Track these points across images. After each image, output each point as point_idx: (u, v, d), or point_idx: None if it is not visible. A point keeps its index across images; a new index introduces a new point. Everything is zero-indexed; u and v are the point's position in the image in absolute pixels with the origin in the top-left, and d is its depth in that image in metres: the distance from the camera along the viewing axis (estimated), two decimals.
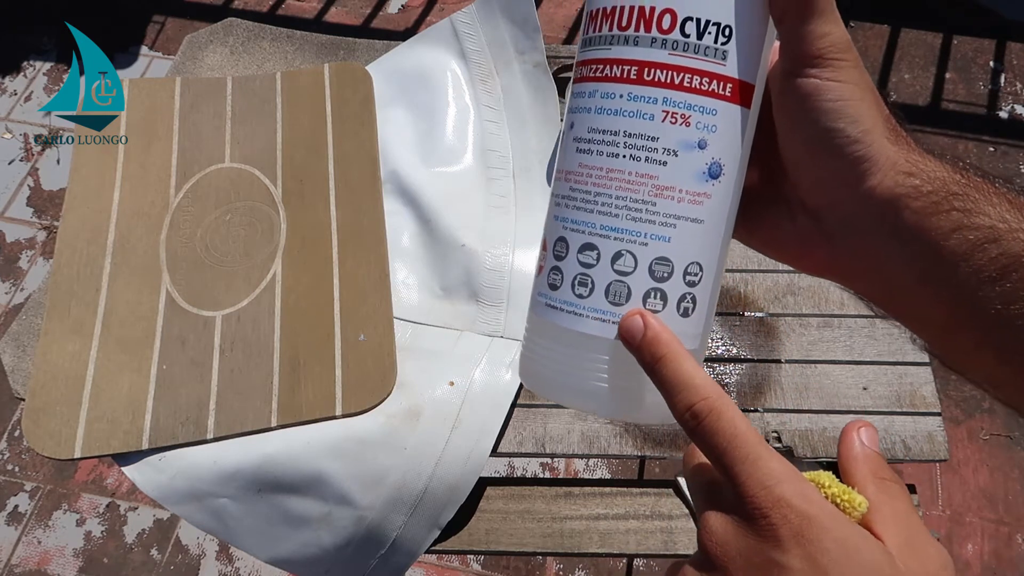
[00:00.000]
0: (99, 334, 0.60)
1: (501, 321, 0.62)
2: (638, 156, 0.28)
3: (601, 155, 0.28)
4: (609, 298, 0.28)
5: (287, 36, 0.79)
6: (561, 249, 0.29)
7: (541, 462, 1.23)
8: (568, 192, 0.29)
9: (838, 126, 0.26)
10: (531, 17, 0.70)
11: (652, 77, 0.27)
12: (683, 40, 0.27)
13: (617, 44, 0.28)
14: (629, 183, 0.28)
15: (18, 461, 1.24)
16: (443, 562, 1.15)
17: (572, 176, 0.29)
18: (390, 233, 0.65)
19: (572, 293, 0.29)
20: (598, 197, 0.28)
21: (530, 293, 0.32)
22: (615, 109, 0.28)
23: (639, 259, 0.28)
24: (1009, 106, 1.57)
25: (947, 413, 1.25)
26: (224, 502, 0.55)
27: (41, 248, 1.43)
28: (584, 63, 0.29)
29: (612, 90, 0.28)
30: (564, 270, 0.29)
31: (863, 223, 0.28)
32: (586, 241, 0.29)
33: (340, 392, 0.57)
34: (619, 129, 0.28)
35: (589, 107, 0.29)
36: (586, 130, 0.29)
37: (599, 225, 0.28)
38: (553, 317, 0.29)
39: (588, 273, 0.29)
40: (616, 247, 0.28)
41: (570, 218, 0.29)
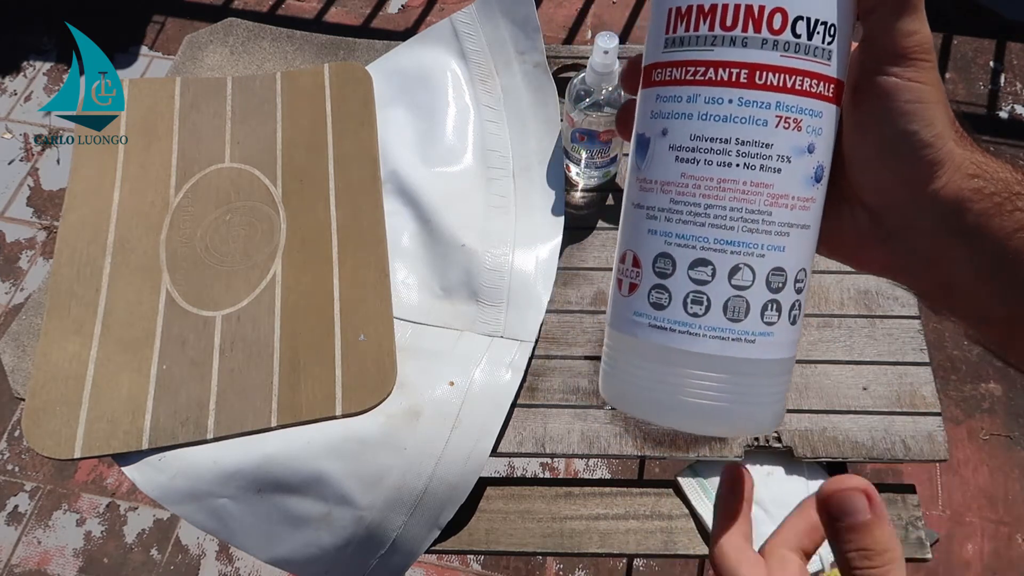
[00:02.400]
0: (99, 334, 0.60)
1: (501, 321, 0.62)
2: (752, 164, 0.27)
3: (711, 165, 0.27)
4: (728, 315, 0.27)
5: (287, 36, 0.79)
6: (666, 266, 0.28)
7: (541, 462, 1.23)
8: (670, 205, 0.27)
9: (912, 129, 0.26)
10: (531, 17, 0.70)
11: (765, 80, 0.26)
12: (794, 41, 0.26)
13: (721, 45, 0.26)
14: (744, 193, 0.27)
15: (18, 461, 1.24)
16: (443, 562, 1.15)
17: (673, 187, 0.27)
18: (390, 233, 0.65)
19: (684, 312, 0.27)
20: (709, 209, 0.27)
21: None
22: (725, 115, 0.26)
23: (757, 272, 0.27)
24: (1009, 106, 1.57)
25: (947, 413, 1.25)
26: (224, 502, 0.55)
27: (41, 248, 1.43)
28: (674, 64, 0.27)
29: (720, 95, 0.27)
30: (672, 288, 0.28)
31: (925, 223, 0.28)
32: (699, 256, 0.27)
33: (340, 392, 0.57)
34: (730, 136, 0.26)
35: (690, 113, 0.27)
36: (688, 138, 0.27)
37: (713, 239, 0.27)
38: (661, 338, 0.28)
39: (703, 290, 0.27)
40: (733, 261, 0.27)
41: (676, 232, 0.27)
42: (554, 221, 0.67)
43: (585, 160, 0.68)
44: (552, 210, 0.67)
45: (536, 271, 0.64)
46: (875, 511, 0.26)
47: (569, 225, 0.67)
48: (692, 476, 0.60)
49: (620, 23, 1.70)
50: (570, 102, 0.64)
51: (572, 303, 0.65)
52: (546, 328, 0.64)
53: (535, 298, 0.63)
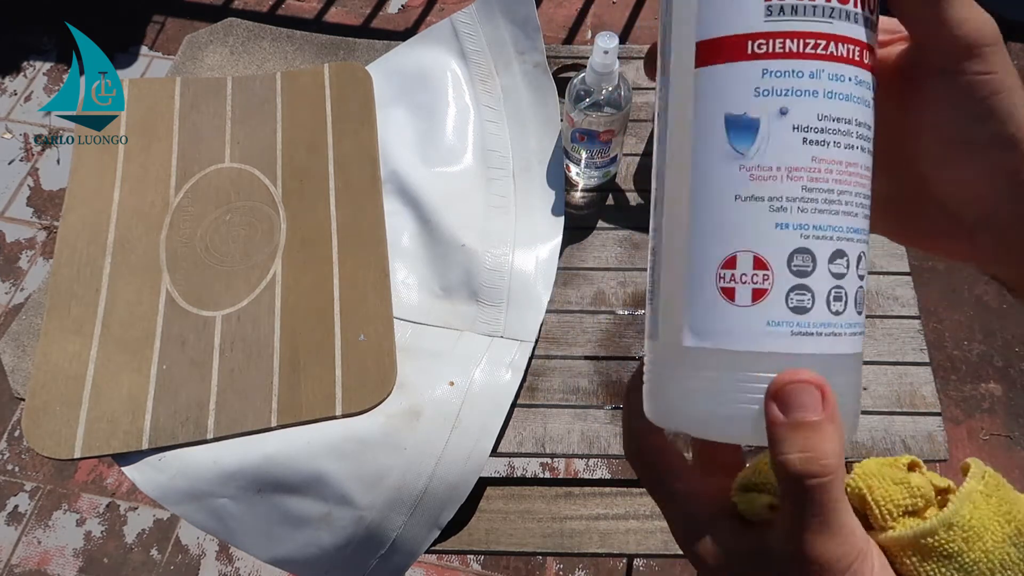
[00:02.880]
0: (99, 334, 0.60)
1: (501, 321, 0.62)
2: (865, 147, 0.25)
3: (839, 147, 0.25)
4: (857, 308, 0.25)
5: (287, 36, 0.79)
6: (805, 262, 0.25)
7: (541, 462, 1.23)
8: (802, 193, 0.25)
9: (993, 129, 0.25)
10: (531, 17, 0.70)
11: (867, 60, 0.25)
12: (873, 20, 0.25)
13: (839, 19, 0.25)
14: (861, 177, 0.25)
15: (18, 461, 1.24)
16: (443, 562, 1.15)
17: (804, 173, 0.25)
18: (390, 233, 0.65)
19: (828, 311, 0.25)
20: (842, 196, 0.25)
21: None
22: (847, 94, 0.25)
23: (865, 259, 0.26)
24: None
25: (947, 413, 1.25)
26: (224, 502, 0.55)
27: (41, 248, 1.43)
28: (789, 35, 0.25)
29: (842, 72, 0.25)
30: (815, 287, 0.25)
31: (1009, 214, 0.26)
32: (837, 248, 0.25)
33: (340, 392, 0.57)
34: (852, 117, 0.25)
35: (816, 90, 0.25)
36: (816, 117, 0.25)
37: (846, 227, 0.25)
38: (808, 346, 0.24)
39: (842, 285, 0.25)
40: (859, 249, 0.25)
41: (813, 223, 0.25)
42: (554, 221, 0.67)
43: (585, 160, 0.68)
44: (552, 210, 0.67)
45: (536, 271, 0.64)
46: (828, 411, 0.23)
47: (569, 225, 0.67)
48: None
49: (620, 23, 1.70)
50: (570, 102, 0.64)
51: (572, 303, 0.65)
52: (546, 328, 0.64)
53: (535, 298, 0.63)
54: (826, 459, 0.22)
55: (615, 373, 0.62)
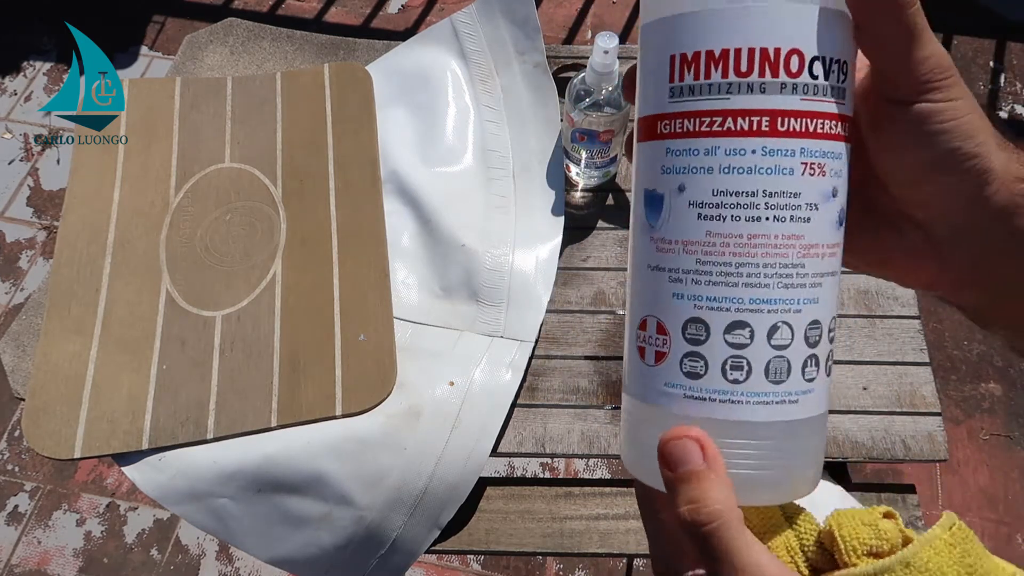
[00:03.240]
0: (99, 334, 0.60)
1: (501, 321, 0.62)
2: (783, 216, 0.25)
3: (738, 220, 0.25)
4: (770, 378, 0.26)
5: (287, 36, 0.79)
6: (698, 332, 0.26)
7: (541, 462, 1.23)
8: (696, 266, 0.26)
9: (955, 146, 0.26)
10: (531, 17, 0.70)
11: (788, 127, 0.25)
12: (812, 83, 0.25)
13: (738, 92, 0.25)
14: (776, 248, 0.25)
15: (18, 461, 1.24)
16: (443, 562, 1.15)
17: (698, 247, 0.26)
18: (390, 233, 0.65)
19: (724, 380, 0.26)
20: (742, 268, 0.25)
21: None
22: (749, 167, 0.25)
23: (795, 328, 0.26)
24: (1009, 106, 1.57)
25: (947, 413, 1.25)
26: (224, 502, 0.55)
27: (41, 248, 1.43)
28: (686, 115, 0.26)
29: (742, 146, 0.25)
30: (707, 355, 0.26)
31: (979, 231, 0.27)
32: (735, 319, 0.25)
33: (340, 392, 0.57)
34: (757, 189, 0.25)
35: (711, 167, 0.25)
36: (711, 193, 0.25)
37: (748, 299, 0.25)
38: (699, 410, 0.26)
39: (742, 354, 0.26)
40: (772, 320, 0.26)
41: (706, 295, 0.26)
42: (554, 221, 0.67)
43: (585, 160, 0.68)
44: (552, 210, 0.67)
45: (536, 271, 0.64)
46: (709, 462, 0.24)
47: (569, 225, 0.67)
48: None
49: (620, 23, 1.70)
50: (570, 102, 0.64)
51: (572, 303, 0.65)
52: (546, 328, 0.64)
53: (535, 298, 0.63)
54: (710, 506, 0.24)
55: (615, 373, 0.62)
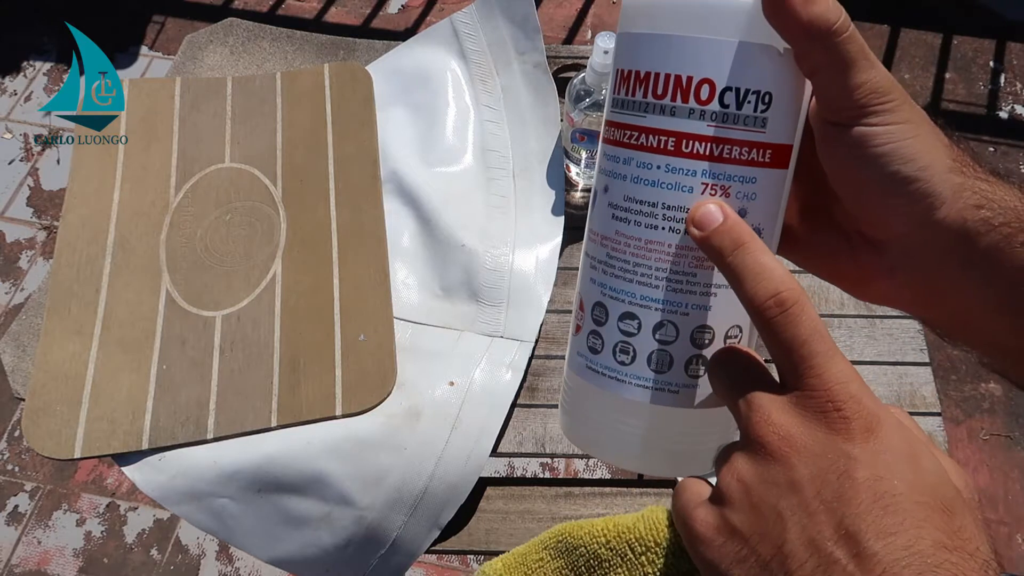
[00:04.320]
0: (99, 334, 0.60)
1: (501, 321, 0.62)
2: (677, 228, 0.27)
3: (639, 226, 0.28)
4: (652, 366, 0.28)
5: (287, 36, 0.79)
6: (600, 315, 0.29)
7: (541, 462, 1.23)
8: (606, 259, 0.29)
9: (893, 169, 0.26)
10: (531, 17, 0.70)
11: (691, 149, 0.27)
12: (722, 111, 0.26)
13: (652, 113, 0.27)
14: (669, 255, 0.28)
15: (18, 461, 1.24)
16: (443, 562, 1.15)
17: (609, 243, 0.29)
18: (390, 233, 0.65)
19: (614, 359, 0.29)
20: (637, 268, 0.28)
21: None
22: (653, 180, 0.27)
23: (680, 329, 0.28)
24: (1009, 106, 1.57)
25: (947, 413, 1.25)
26: (224, 502, 0.55)
27: (41, 248, 1.43)
28: (616, 125, 0.28)
29: (649, 160, 0.27)
30: (604, 336, 0.29)
31: (931, 256, 0.27)
32: (627, 310, 0.28)
33: (340, 392, 0.57)
34: (657, 201, 0.27)
35: (624, 175, 0.28)
36: (622, 198, 0.28)
37: (639, 295, 0.28)
38: (593, 380, 0.30)
39: (629, 341, 0.28)
40: (657, 317, 0.28)
41: (609, 285, 0.29)
42: (554, 221, 0.67)
43: (585, 160, 0.68)
44: (552, 210, 0.67)
45: (536, 271, 0.64)
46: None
47: (569, 225, 0.67)
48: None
49: None
50: (570, 102, 0.64)
51: (572, 303, 0.65)
52: (546, 328, 0.64)
53: (535, 298, 0.63)
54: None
55: None
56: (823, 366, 0.23)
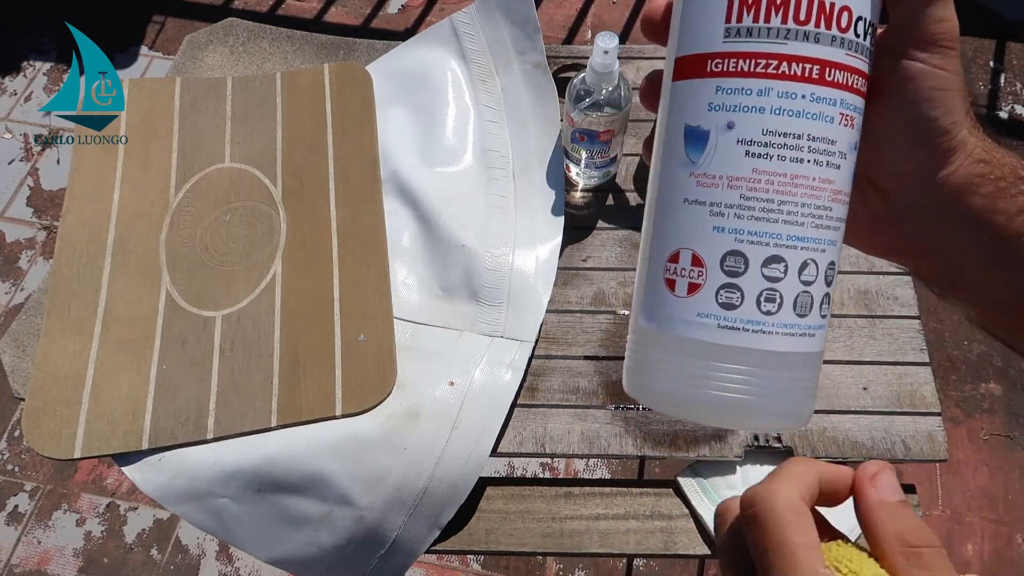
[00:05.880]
0: (99, 334, 0.60)
1: (501, 321, 0.62)
2: (821, 161, 0.27)
3: (784, 160, 0.26)
4: (797, 311, 0.27)
5: (287, 36, 0.79)
6: (737, 264, 0.27)
7: (541, 462, 1.23)
8: (740, 201, 0.27)
9: (933, 115, 0.27)
10: (531, 17, 0.70)
11: (833, 78, 0.26)
12: (854, 40, 0.26)
13: (795, 39, 0.26)
14: (812, 189, 0.27)
15: (18, 461, 1.24)
16: (443, 562, 1.15)
17: (743, 183, 0.27)
18: (390, 233, 0.65)
19: (758, 311, 0.27)
20: (783, 206, 0.27)
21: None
22: (798, 111, 0.26)
23: (820, 267, 0.28)
24: (1009, 106, 1.57)
25: (947, 413, 1.25)
26: (224, 502, 0.55)
27: (41, 248, 1.43)
28: (741, 56, 0.27)
29: (793, 90, 0.26)
30: (744, 287, 0.27)
31: (933, 207, 0.28)
32: (772, 254, 0.27)
33: (340, 392, 0.57)
34: (803, 132, 0.26)
35: (762, 107, 0.26)
36: (760, 132, 0.27)
37: (785, 236, 0.27)
38: (733, 339, 0.27)
39: (776, 288, 0.27)
40: (803, 257, 0.27)
41: (747, 229, 0.27)
42: (554, 221, 0.67)
43: (585, 160, 0.68)
44: (552, 210, 0.67)
45: (536, 271, 0.64)
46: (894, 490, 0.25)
47: (569, 225, 0.67)
48: (692, 476, 0.60)
49: (620, 23, 1.70)
50: (570, 102, 0.64)
51: (572, 303, 0.65)
52: (546, 328, 0.64)
53: (535, 298, 0.63)
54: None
55: (615, 373, 0.62)
56: None
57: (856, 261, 0.67)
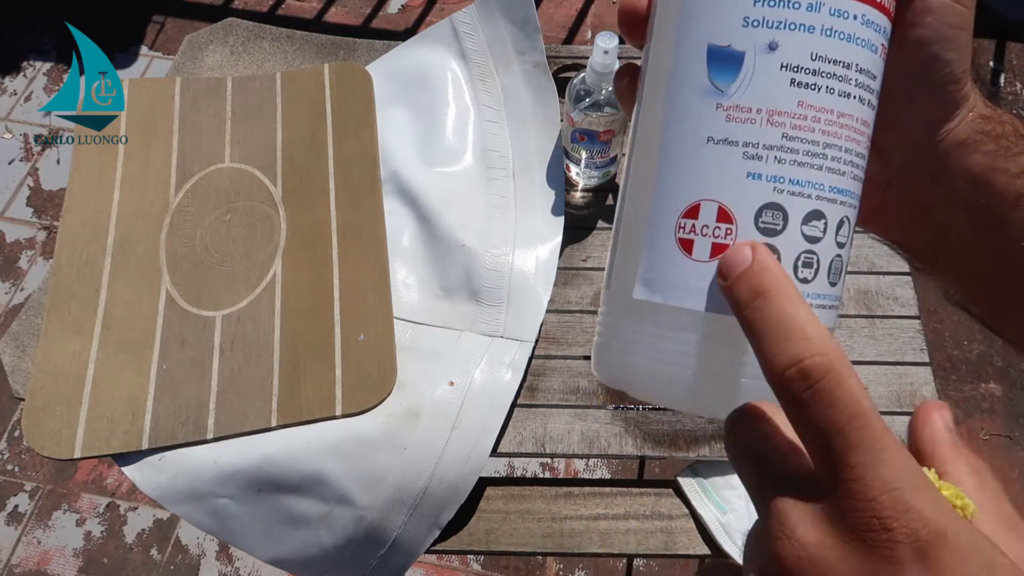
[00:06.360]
0: (99, 334, 0.60)
1: (501, 321, 0.62)
2: (864, 98, 0.22)
3: (832, 93, 0.21)
4: (830, 278, 0.23)
5: (287, 36, 0.79)
6: (775, 220, 0.22)
7: (541, 462, 1.23)
8: (782, 141, 0.21)
9: (948, 57, 0.24)
10: (531, 17, 0.70)
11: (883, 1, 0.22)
12: None
13: None
14: (855, 132, 0.22)
15: (18, 461, 1.24)
16: (443, 562, 1.15)
17: (787, 119, 0.21)
18: (390, 233, 0.65)
19: (795, 278, 0.22)
20: (828, 150, 0.22)
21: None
22: (850, 34, 0.21)
23: (851, 225, 0.23)
24: (1009, 106, 1.57)
25: None
26: (224, 502, 0.55)
27: (41, 248, 1.43)
28: None
29: (846, 7, 0.21)
30: (782, 249, 0.22)
31: (930, 165, 0.27)
32: (814, 208, 0.22)
33: (340, 392, 0.57)
34: (853, 61, 0.22)
35: (812, 25, 0.21)
36: (809, 57, 0.21)
37: (828, 186, 0.22)
38: None
39: (814, 250, 0.22)
40: (841, 213, 0.22)
41: (789, 177, 0.21)
42: (554, 221, 0.67)
43: (585, 160, 0.68)
44: (552, 210, 0.67)
45: (536, 271, 0.64)
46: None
47: (569, 225, 0.67)
48: (692, 476, 0.60)
49: None
50: (570, 102, 0.64)
51: (572, 303, 0.65)
52: (546, 328, 0.64)
53: (535, 298, 0.63)
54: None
55: None
56: (866, 465, 0.18)
57: (856, 261, 0.67)
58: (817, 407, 0.18)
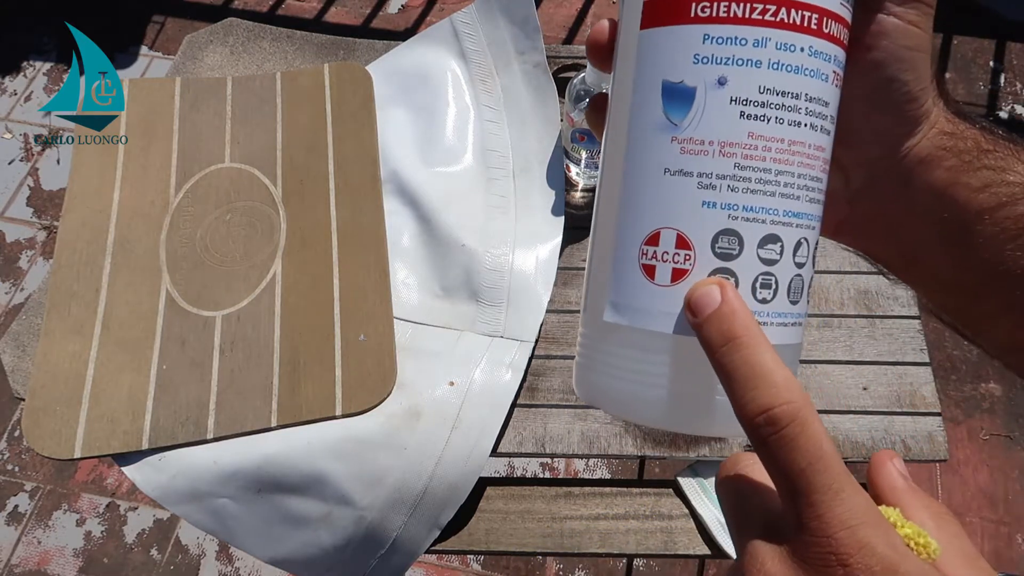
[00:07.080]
0: (99, 334, 0.60)
1: (501, 321, 0.62)
2: (816, 125, 0.23)
3: (782, 123, 0.23)
4: (790, 297, 0.24)
5: (287, 36, 0.79)
6: (730, 245, 0.23)
7: (541, 462, 1.23)
8: (734, 171, 0.23)
9: (904, 78, 0.25)
10: (531, 17, 0.70)
11: (829, 30, 0.23)
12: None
13: None
14: (808, 158, 0.23)
15: (18, 461, 1.24)
16: (443, 562, 1.15)
17: (738, 149, 0.23)
18: (390, 233, 0.65)
19: (753, 299, 0.23)
20: (780, 176, 0.23)
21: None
22: (796, 66, 0.23)
23: (810, 246, 0.24)
24: (1009, 106, 1.57)
25: (947, 413, 1.25)
26: (224, 502, 0.55)
27: (41, 248, 1.43)
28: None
29: (793, 41, 0.22)
30: (739, 271, 0.23)
31: (893, 181, 0.27)
32: (769, 232, 0.23)
33: (340, 392, 0.57)
34: (801, 92, 0.23)
35: (759, 60, 0.22)
36: (757, 90, 0.22)
37: (782, 211, 0.23)
38: None
39: (772, 272, 0.23)
40: (798, 235, 0.24)
41: (743, 204, 0.23)
42: (554, 221, 0.67)
43: (585, 160, 0.68)
44: (552, 210, 0.67)
45: (536, 271, 0.64)
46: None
47: (569, 225, 0.67)
48: (692, 476, 0.60)
49: None
50: (570, 102, 0.64)
51: (572, 303, 0.65)
52: (546, 328, 0.64)
53: (535, 298, 0.63)
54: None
55: None
56: (825, 504, 0.19)
57: (856, 261, 0.67)
58: (782, 451, 0.20)
